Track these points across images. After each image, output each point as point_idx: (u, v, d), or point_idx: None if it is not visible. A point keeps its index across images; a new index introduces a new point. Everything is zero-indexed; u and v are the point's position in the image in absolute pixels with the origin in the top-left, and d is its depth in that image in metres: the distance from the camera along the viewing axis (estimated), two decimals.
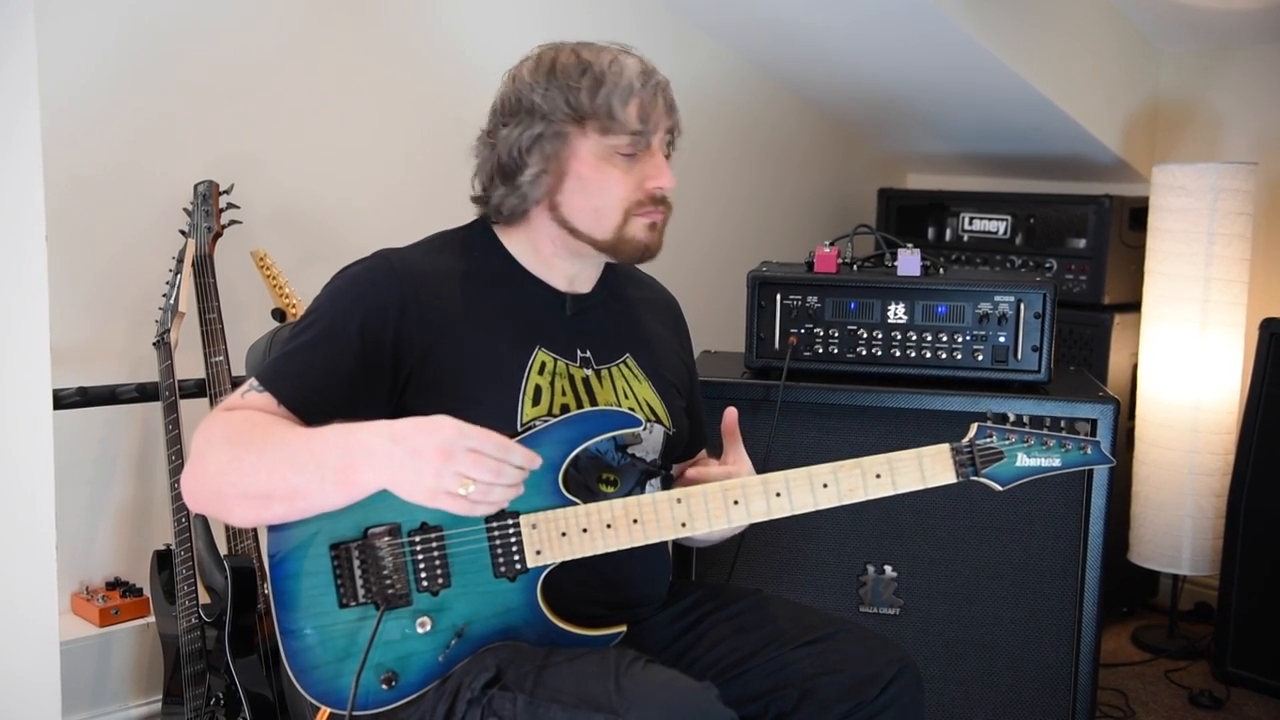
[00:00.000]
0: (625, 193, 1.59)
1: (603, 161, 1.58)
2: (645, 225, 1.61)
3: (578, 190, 1.59)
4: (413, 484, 1.36)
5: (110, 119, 2.47)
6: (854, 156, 4.01)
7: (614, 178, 1.58)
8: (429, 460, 1.35)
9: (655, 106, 1.59)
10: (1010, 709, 2.37)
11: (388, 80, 2.87)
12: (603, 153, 1.58)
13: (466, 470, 1.35)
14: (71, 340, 2.41)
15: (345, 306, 1.56)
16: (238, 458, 1.41)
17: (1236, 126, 3.39)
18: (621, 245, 1.61)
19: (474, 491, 1.35)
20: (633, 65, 1.60)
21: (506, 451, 1.38)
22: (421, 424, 1.38)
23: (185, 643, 2.26)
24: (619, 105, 1.56)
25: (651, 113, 1.58)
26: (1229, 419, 3.04)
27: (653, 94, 1.58)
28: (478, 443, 1.36)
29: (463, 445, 1.35)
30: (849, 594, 2.40)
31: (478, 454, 1.35)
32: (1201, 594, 3.40)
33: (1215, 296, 2.99)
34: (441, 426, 1.37)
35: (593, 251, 1.64)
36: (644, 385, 1.71)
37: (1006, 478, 1.58)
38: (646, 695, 1.36)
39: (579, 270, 1.69)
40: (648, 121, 1.58)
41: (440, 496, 1.36)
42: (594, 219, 1.60)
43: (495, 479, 1.36)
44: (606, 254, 1.64)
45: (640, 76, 1.59)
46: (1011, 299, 2.36)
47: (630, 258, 1.64)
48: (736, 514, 1.55)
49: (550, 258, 1.67)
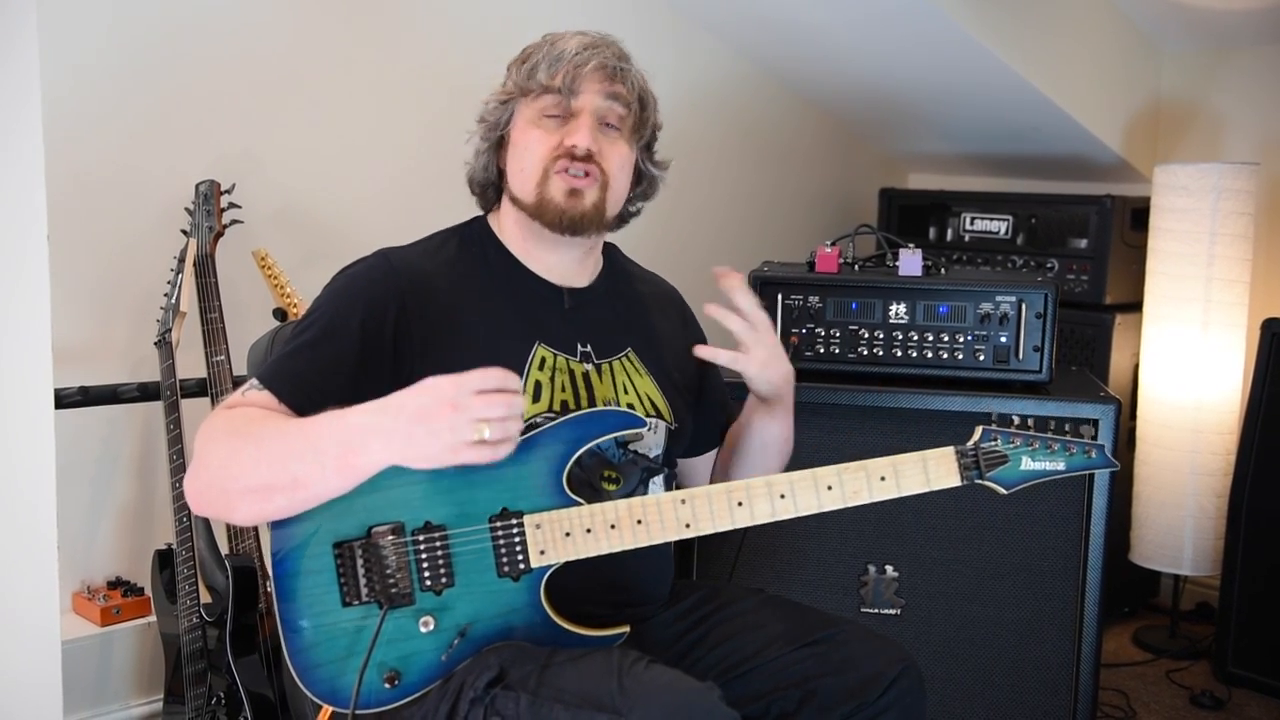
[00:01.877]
0: (544, 150, 1.62)
1: (531, 125, 1.64)
2: (564, 189, 1.62)
3: (513, 155, 1.66)
4: (426, 448, 1.36)
5: (112, 118, 2.47)
6: (855, 156, 4.01)
7: (537, 138, 1.63)
8: (440, 418, 1.34)
9: (583, 71, 1.61)
10: (1011, 709, 2.37)
11: (389, 80, 2.87)
12: (532, 116, 1.64)
13: (480, 412, 1.34)
14: (73, 339, 2.41)
15: (345, 305, 1.56)
16: (236, 450, 1.42)
17: (1238, 126, 3.39)
18: (542, 207, 1.62)
19: (494, 431, 1.35)
20: (579, 40, 1.64)
21: (506, 379, 1.38)
22: (413, 390, 1.38)
23: (186, 642, 2.26)
24: (544, 70, 1.62)
25: (578, 76, 1.61)
26: (1230, 419, 3.04)
27: (583, 61, 1.61)
28: (479, 382, 1.36)
29: (467, 391, 1.35)
30: (851, 594, 2.40)
31: (484, 393, 1.35)
32: (1203, 594, 3.40)
33: (1217, 296, 2.99)
34: (437, 384, 1.37)
35: (539, 227, 1.64)
36: (645, 379, 1.71)
37: (1011, 481, 1.58)
38: (649, 695, 1.36)
39: (560, 260, 1.70)
40: (572, 83, 1.61)
41: (461, 450, 1.35)
42: (521, 181, 1.64)
43: (509, 410, 1.36)
44: (537, 219, 1.64)
45: (578, 46, 1.63)
46: (1013, 299, 2.36)
47: (552, 221, 1.62)
48: (740, 515, 1.54)
49: (530, 248, 1.69)
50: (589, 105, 1.62)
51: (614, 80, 1.63)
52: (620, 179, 1.67)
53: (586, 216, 1.63)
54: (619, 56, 1.65)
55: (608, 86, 1.63)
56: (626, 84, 1.65)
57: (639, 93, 1.67)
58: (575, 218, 1.62)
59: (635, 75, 1.67)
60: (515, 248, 1.70)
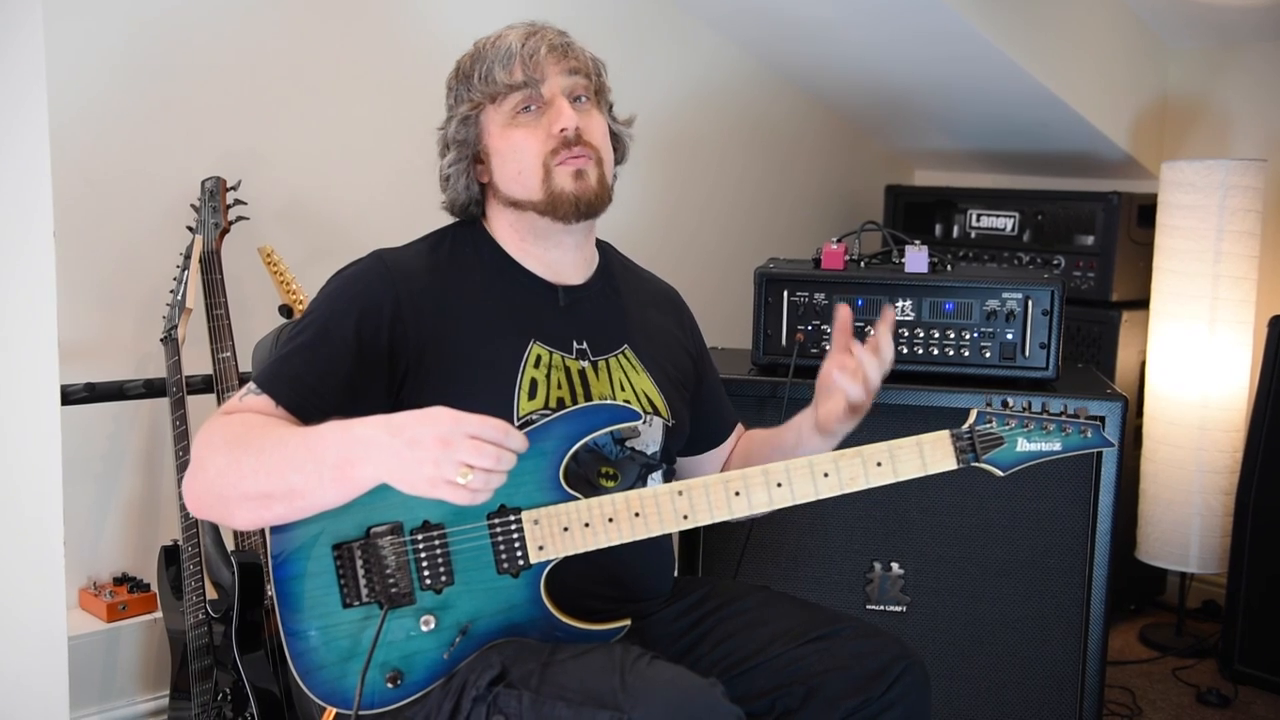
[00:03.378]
0: (536, 145, 1.62)
1: (507, 128, 1.64)
2: (569, 174, 1.62)
3: (499, 163, 1.65)
4: (412, 474, 1.35)
5: (118, 116, 2.47)
6: (861, 153, 4.01)
7: (521, 136, 1.63)
8: (428, 449, 1.34)
9: (538, 58, 1.62)
10: (1017, 706, 2.36)
11: (394, 76, 2.87)
12: (504, 119, 1.64)
13: (467, 458, 1.34)
14: (79, 336, 2.42)
15: (340, 307, 1.57)
16: (236, 460, 1.42)
17: (1245, 123, 3.38)
18: (555, 201, 1.62)
19: (474, 480, 1.34)
20: (516, 32, 1.65)
21: (506, 436, 1.37)
22: (418, 415, 1.37)
23: (192, 638, 2.27)
24: (500, 70, 1.62)
25: (535, 65, 1.61)
26: (1237, 416, 3.03)
27: (534, 49, 1.62)
28: (477, 429, 1.35)
29: (462, 432, 1.34)
30: (856, 591, 2.40)
31: (477, 441, 1.35)
32: (1209, 592, 3.40)
33: (1224, 293, 2.98)
34: (439, 416, 1.36)
35: (548, 223, 1.64)
36: (642, 376, 1.71)
37: (1007, 463, 1.57)
38: (652, 692, 1.36)
39: (558, 256, 1.70)
40: (534, 73, 1.61)
41: (440, 486, 1.34)
42: (520, 183, 1.64)
43: (496, 465, 1.35)
44: (549, 216, 1.64)
45: (520, 39, 1.63)
46: (1019, 296, 2.35)
47: (567, 212, 1.63)
48: (738, 505, 1.54)
49: (527, 247, 1.69)
50: (558, 87, 1.63)
51: (567, 56, 1.64)
52: (607, 148, 1.69)
53: (597, 194, 1.64)
54: (559, 33, 1.67)
55: (566, 64, 1.64)
56: (578, 57, 1.66)
57: (591, 62, 1.69)
58: (589, 200, 1.63)
59: (579, 46, 1.68)
60: (510, 246, 1.70)
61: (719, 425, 1.91)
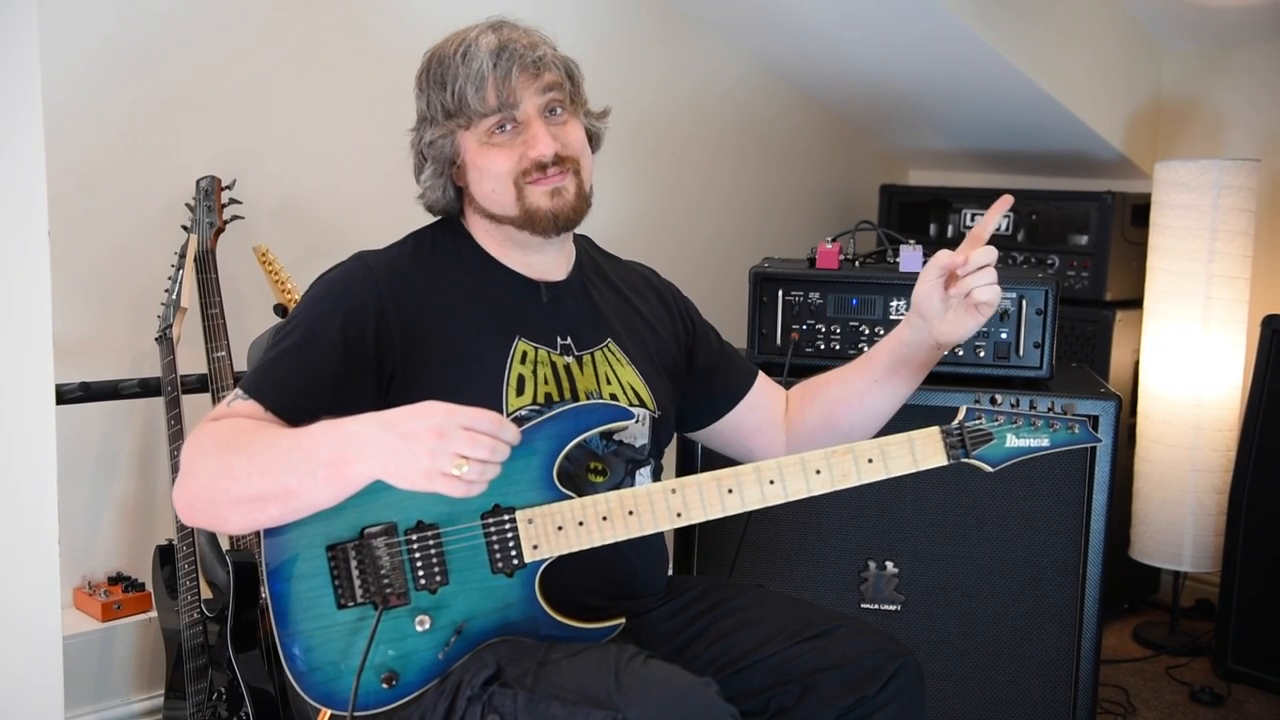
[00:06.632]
0: (508, 167, 1.61)
1: (484, 146, 1.62)
2: (544, 193, 1.61)
3: (476, 179, 1.65)
4: (407, 468, 1.35)
5: (112, 114, 2.47)
6: (856, 152, 4.01)
7: (495, 157, 1.62)
8: (423, 442, 1.34)
9: (511, 81, 1.59)
10: (1011, 705, 2.37)
11: (391, 76, 2.85)
12: (480, 138, 1.62)
13: (462, 449, 1.34)
14: (74, 335, 2.42)
15: (325, 310, 1.57)
16: (227, 464, 1.41)
17: (1239, 123, 3.39)
18: (531, 218, 1.62)
19: (469, 471, 1.34)
20: (485, 45, 1.61)
21: (500, 427, 1.37)
22: (411, 409, 1.38)
23: (187, 638, 2.27)
24: (473, 94, 1.59)
25: (509, 89, 1.59)
26: (1231, 416, 3.04)
27: (506, 70, 1.59)
28: (471, 420, 1.36)
29: (456, 424, 1.35)
30: (850, 590, 2.40)
31: (472, 432, 1.35)
32: (1203, 590, 3.40)
33: (1217, 293, 2.99)
34: (432, 409, 1.37)
35: (526, 235, 1.64)
36: (627, 369, 1.71)
37: (996, 458, 1.58)
38: (646, 691, 1.36)
39: (538, 258, 1.70)
40: (507, 97, 1.59)
41: (435, 478, 1.34)
42: (494, 200, 1.64)
43: (490, 456, 1.35)
44: (527, 230, 1.64)
45: (491, 56, 1.59)
46: (1013, 295, 2.36)
47: (545, 228, 1.63)
48: (731, 502, 1.54)
49: (506, 249, 1.70)
50: (532, 108, 1.61)
51: (540, 73, 1.61)
52: (586, 153, 1.68)
53: (574, 208, 1.64)
54: (530, 45, 1.62)
55: (538, 82, 1.61)
56: (552, 69, 1.63)
57: (564, 69, 1.66)
58: (567, 215, 1.63)
59: (551, 55, 1.64)
60: (490, 247, 1.70)
61: (734, 379, 1.88)
